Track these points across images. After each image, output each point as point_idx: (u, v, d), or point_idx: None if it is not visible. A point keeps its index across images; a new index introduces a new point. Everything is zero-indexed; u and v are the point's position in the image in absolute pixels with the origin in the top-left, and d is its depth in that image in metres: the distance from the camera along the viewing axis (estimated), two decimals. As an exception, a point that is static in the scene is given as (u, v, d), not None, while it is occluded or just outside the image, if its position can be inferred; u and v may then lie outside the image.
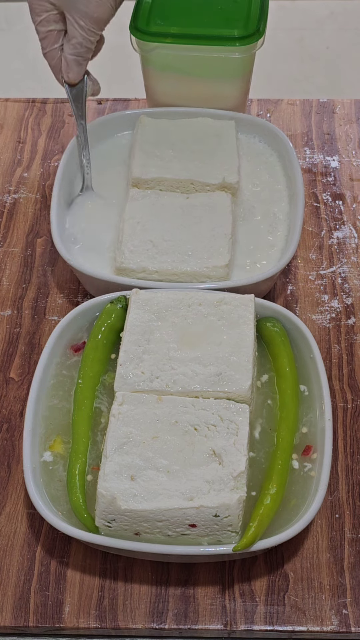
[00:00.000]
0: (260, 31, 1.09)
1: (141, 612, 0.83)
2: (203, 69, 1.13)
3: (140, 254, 1.01)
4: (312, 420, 0.89)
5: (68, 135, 1.25)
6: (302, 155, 1.22)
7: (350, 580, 0.85)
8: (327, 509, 0.89)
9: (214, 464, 0.82)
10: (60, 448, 0.88)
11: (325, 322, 1.04)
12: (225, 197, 1.06)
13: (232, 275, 1.02)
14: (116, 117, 1.17)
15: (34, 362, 1.00)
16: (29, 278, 1.09)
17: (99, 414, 0.91)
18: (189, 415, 0.85)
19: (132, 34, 1.10)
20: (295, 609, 0.83)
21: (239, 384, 0.87)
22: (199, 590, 0.85)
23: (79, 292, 1.07)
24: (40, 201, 1.17)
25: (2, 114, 1.29)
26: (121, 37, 1.11)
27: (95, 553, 0.87)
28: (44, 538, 0.88)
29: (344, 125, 1.26)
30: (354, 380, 0.99)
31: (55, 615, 0.83)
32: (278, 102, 1.30)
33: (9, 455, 0.93)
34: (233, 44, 1.08)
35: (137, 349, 0.89)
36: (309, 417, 0.90)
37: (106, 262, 1.04)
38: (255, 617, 0.83)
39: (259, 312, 0.95)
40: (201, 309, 0.92)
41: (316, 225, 1.14)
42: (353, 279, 1.08)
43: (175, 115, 1.15)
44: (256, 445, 0.88)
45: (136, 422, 0.84)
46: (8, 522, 0.89)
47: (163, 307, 0.92)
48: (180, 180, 1.07)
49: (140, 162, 1.09)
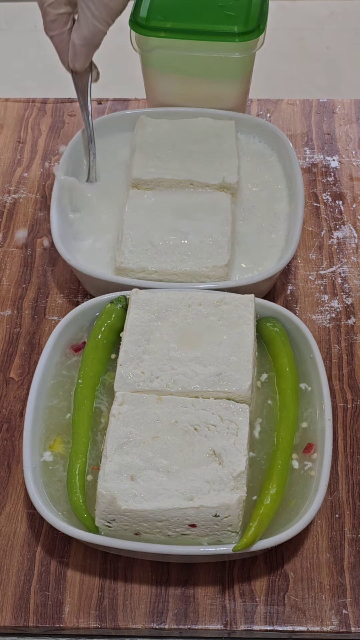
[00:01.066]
0: (260, 28, 1.09)
1: (141, 612, 0.83)
2: (203, 69, 1.13)
3: (140, 254, 1.01)
4: (312, 416, 0.89)
5: (68, 135, 1.25)
6: (302, 155, 1.22)
7: (350, 580, 0.85)
8: (327, 509, 0.89)
9: (214, 464, 0.82)
10: (60, 448, 0.88)
11: (325, 322, 1.04)
12: (225, 197, 1.06)
13: (232, 275, 1.02)
14: (116, 117, 1.17)
15: (34, 362, 1.00)
16: (29, 278, 1.09)
17: (99, 414, 0.91)
18: (189, 415, 0.85)
19: (131, 29, 1.10)
20: (295, 609, 0.83)
21: (239, 384, 0.87)
22: (199, 590, 0.85)
23: (79, 292, 1.07)
24: (40, 201, 1.17)
25: (2, 114, 1.29)
26: (121, 37, 1.11)
27: (95, 553, 0.87)
28: (44, 538, 0.88)
29: (344, 125, 1.26)
30: (354, 380, 0.99)
31: (55, 615, 0.83)
32: (278, 102, 1.30)
33: (9, 455, 0.93)
34: (233, 40, 1.08)
35: (137, 349, 0.89)
36: (309, 412, 0.90)
37: (106, 262, 1.04)
38: (255, 617, 0.83)
39: (259, 312, 0.95)
40: (201, 309, 0.92)
41: (316, 225, 1.14)
42: (353, 279, 1.08)
43: (175, 115, 1.15)
44: (256, 445, 0.88)
45: (136, 422, 0.84)
46: (8, 522, 0.89)
47: (163, 307, 0.92)
48: (180, 181, 1.07)
49: (140, 163, 1.09)
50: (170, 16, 1.10)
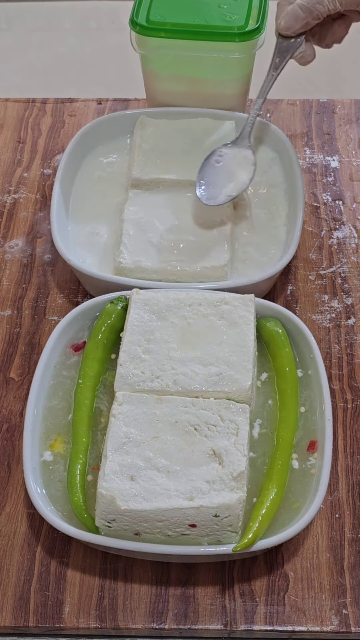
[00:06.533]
0: (260, 28, 1.08)
1: (141, 612, 0.83)
2: (203, 69, 1.13)
3: (139, 254, 1.01)
4: (312, 415, 0.89)
5: (68, 135, 1.25)
6: (302, 155, 1.22)
7: (350, 580, 0.85)
8: (327, 509, 0.89)
9: (214, 464, 0.82)
10: (60, 447, 0.88)
11: (325, 322, 1.04)
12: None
13: (232, 275, 1.02)
14: (116, 117, 1.17)
15: (34, 362, 1.00)
16: (29, 278, 1.09)
17: (99, 413, 0.91)
18: (189, 415, 0.85)
19: (131, 29, 1.10)
20: (295, 609, 0.83)
21: (239, 384, 0.87)
22: (199, 590, 0.85)
23: (79, 292, 1.07)
24: (40, 201, 1.17)
25: (2, 114, 1.29)
26: (121, 37, 1.11)
27: (95, 553, 0.87)
28: (44, 538, 0.88)
29: (344, 125, 1.26)
30: (354, 380, 0.99)
31: (55, 615, 0.83)
32: (278, 102, 1.30)
33: (9, 455, 0.93)
34: (233, 40, 1.08)
35: (137, 349, 0.89)
36: (307, 393, 0.91)
37: (106, 262, 1.04)
38: (255, 617, 0.83)
39: (259, 312, 0.95)
40: (201, 309, 0.92)
41: (316, 225, 1.14)
42: (353, 279, 1.08)
43: (175, 115, 1.15)
44: (256, 446, 0.88)
45: (136, 422, 0.84)
46: (8, 522, 0.89)
47: (163, 307, 0.92)
48: (180, 181, 1.07)
49: (139, 163, 1.09)
50: (170, 16, 1.10)
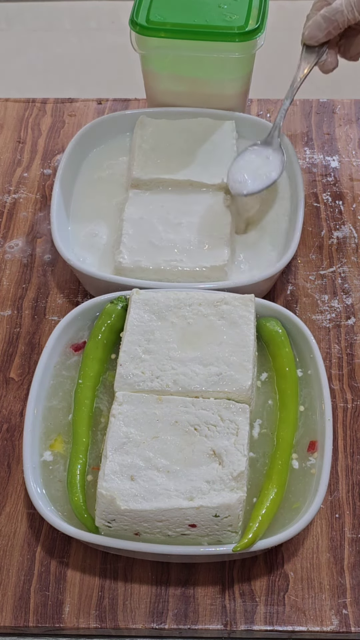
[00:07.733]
0: (260, 28, 1.08)
1: (141, 612, 0.83)
2: (203, 69, 1.13)
3: (139, 254, 1.01)
4: (312, 415, 0.89)
5: (68, 135, 1.25)
6: (302, 155, 1.22)
7: (350, 580, 0.85)
8: (327, 509, 0.89)
9: (214, 464, 0.82)
10: (60, 447, 0.88)
11: (325, 322, 1.04)
12: (224, 198, 1.06)
13: (231, 275, 1.02)
14: (116, 117, 1.17)
15: (34, 362, 1.00)
16: (29, 278, 1.09)
17: (99, 413, 0.91)
18: (189, 415, 0.84)
19: (131, 29, 1.10)
20: (295, 609, 0.83)
21: (239, 384, 0.87)
22: (199, 590, 0.85)
23: (79, 292, 1.07)
24: (40, 201, 1.17)
25: (2, 114, 1.29)
26: (121, 37, 1.11)
27: (95, 553, 0.87)
28: (44, 538, 0.88)
29: (344, 125, 1.26)
30: (354, 380, 0.99)
31: (55, 615, 0.83)
32: (278, 102, 1.30)
33: (9, 455, 0.93)
34: (233, 40, 1.08)
35: (137, 349, 0.89)
36: (307, 392, 0.91)
37: (106, 262, 1.04)
38: (255, 617, 0.83)
39: (259, 312, 0.95)
40: (201, 309, 0.92)
41: (316, 225, 1.14)
42: (353, 279, 1.08)
43: (175, 115, 1.15)
44: (256, 446, 0.88)
45: (136, 422, 0.84)
46: (8, 522, 0.89)
47: (163, 307, 0.92)
48: (180, 181, 1.07)
49: (139, 163, 1.09)
50: (170, 16, 1.10)
